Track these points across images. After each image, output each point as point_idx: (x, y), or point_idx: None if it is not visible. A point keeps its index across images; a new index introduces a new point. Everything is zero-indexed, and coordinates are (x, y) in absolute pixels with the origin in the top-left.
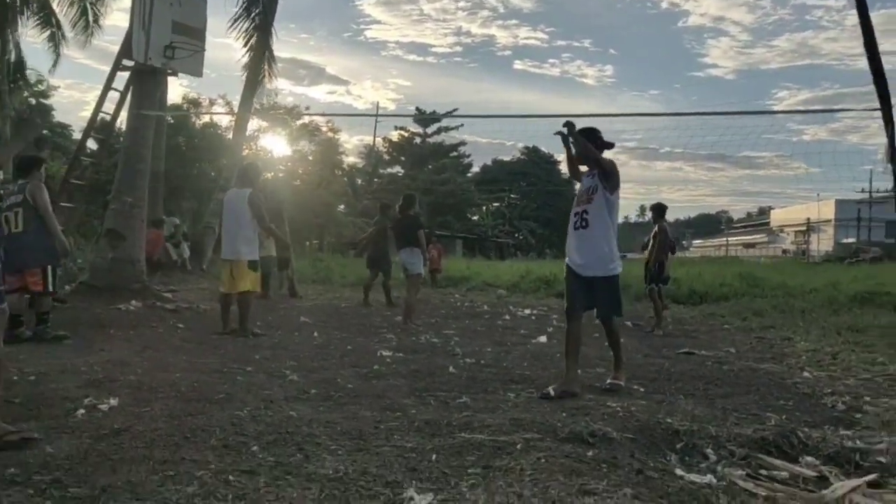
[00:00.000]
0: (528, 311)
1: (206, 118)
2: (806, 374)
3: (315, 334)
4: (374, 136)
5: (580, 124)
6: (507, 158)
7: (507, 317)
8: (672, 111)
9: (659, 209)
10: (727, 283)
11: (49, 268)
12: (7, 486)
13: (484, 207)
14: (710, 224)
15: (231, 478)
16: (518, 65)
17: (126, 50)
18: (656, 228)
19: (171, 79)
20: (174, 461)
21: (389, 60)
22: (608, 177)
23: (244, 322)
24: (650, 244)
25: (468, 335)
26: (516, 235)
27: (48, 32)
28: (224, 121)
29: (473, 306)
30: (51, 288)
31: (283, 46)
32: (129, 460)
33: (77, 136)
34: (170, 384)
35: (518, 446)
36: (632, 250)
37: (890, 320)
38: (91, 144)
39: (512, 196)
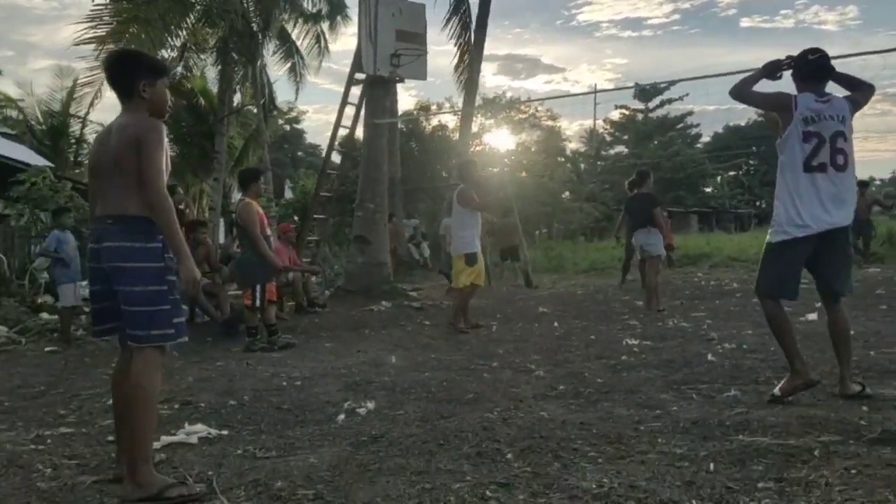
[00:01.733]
0: None
1: (435, 122)
2: None
3: (555, 324)
4: (594, 119)
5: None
6: (741, 123)
7: None
8: None
9: None
10: None
11: (258, 287)
12: (274, 503)
13: (719, 178)
14: None
15: (488, 493)
16: (745, 22)
17: (357, 65)
18: None
19: (399, 87)
20: (430, 472)
21: (603, 41)
22: (859, 107)
23: (456, 314)
24: None
25: (721, 317)
26: (757, 204)
27: (290, 63)
28: (451, 123)
29: (721, 284)
30: (258, 303)
31: (499, 44)
32: (387, 471)
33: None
34: (421, 384)
35: (815, 452)
36: None
37: None
38: (335, 158)
39: (750, 162)
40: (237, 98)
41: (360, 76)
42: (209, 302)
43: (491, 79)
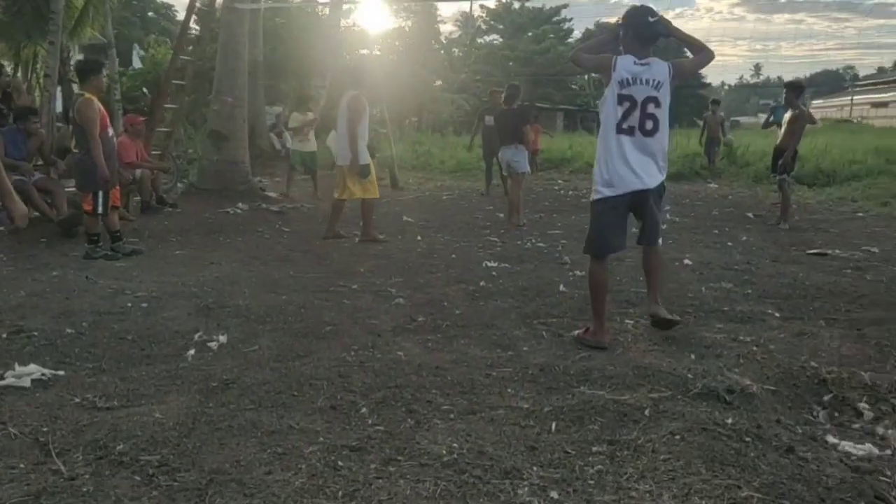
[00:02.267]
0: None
1: None
2: None
3: (419, 238)
4: (472, 3)
5: None
6: (612, 20)
7: None
8: None
9: (796, 88)
10: (858, 159)
11: (100, 192)
12: (115, 470)
13: (586, 76)
14: (833, 82)
15: (340, 463)
16: None
17: None
18: (793, 112)
19: None
20: (282, 431)
21: None
22: (685, 74)
23: (366, 227)
24: (784, 128)
25: (576, 237)
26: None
27: None
28: None
29: (578, 195)
30: (100, 210)
31: None
32: (238, 430)
33: (180, 17)
34: (277, 310)
35: (646, 412)
36: (744, 113)
37: None
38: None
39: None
40: None
41: None
42: (43, 198)
43: None
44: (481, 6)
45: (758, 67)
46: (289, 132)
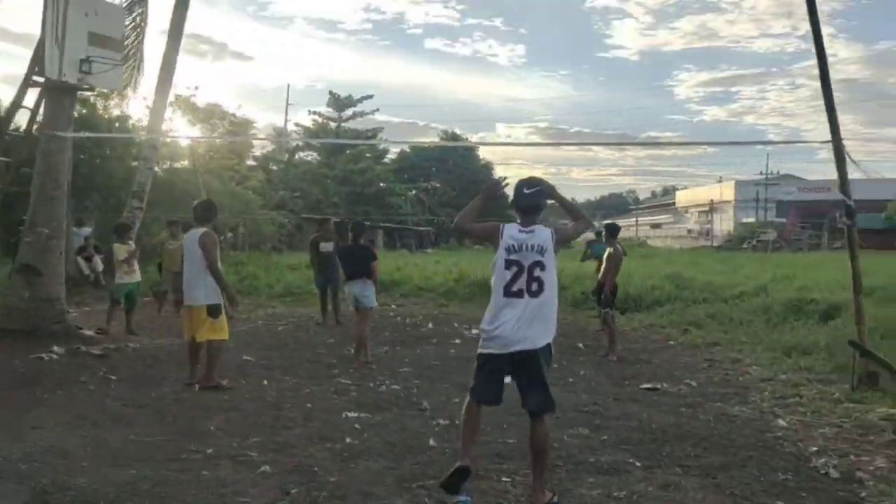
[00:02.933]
0: (475, 331)
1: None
2: (781, 421)
3: (265, 382)
4: (286, 119)
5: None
6: (424, 139)
7: (458, 340)
8: (580, 91)
9: (612, 230)
10: (657, 285)
11: None
12: None
13: (402, 196)
14: (620, 204)
15: None
16: (429, 43)
17: (37, 65)
18: (610, 250)
19: None
20: None
21: (297, 37)
22: (566, 239)
23: (209, 372)
24: (603, 265)
25: (427, 375)
26: (435, 222)
27: None
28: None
29: (416, 324)
30: None
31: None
32: None
33: None
34: (130, 491)
35: None
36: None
37: (829, 337)
38: None
39: (433, 183)
40: None
41: (38, 79)
42: None
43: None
44: (296, 123)
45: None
46: (119, 264)
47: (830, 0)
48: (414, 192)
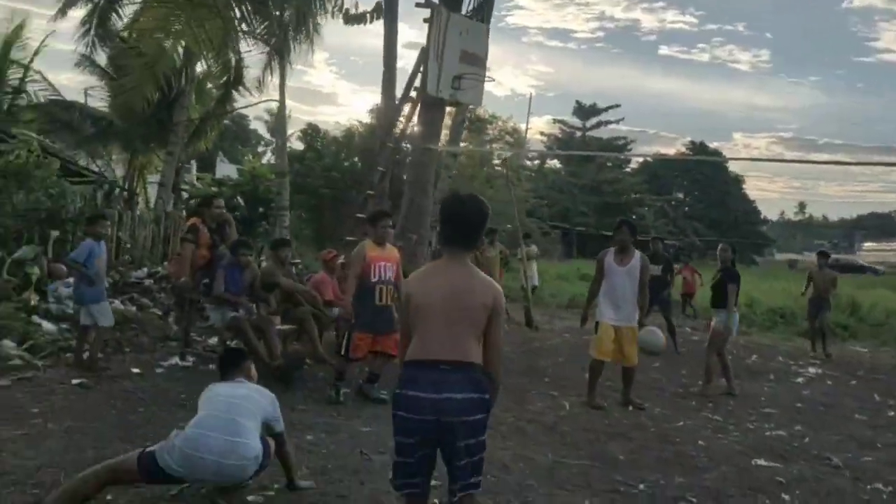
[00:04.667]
0: (813, 371)
1: None
2: None
3: (630, 409)
4: (527, 128)
5: None
6: (670, 151)
7: (800, 380)
8: (833, 99)
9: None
10: None
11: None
12: None
13: (649, 207)
14: (884, 225)
15: None
16: (664, 50)
17: (413, 81)
18: None
19: None
20: None
21: (530, 47)
22: None
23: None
24: None
25: (800, 420)
26: (681, 237)
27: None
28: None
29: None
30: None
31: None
32: None
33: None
34: None
35: None
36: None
37: None
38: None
39: (678, 195)
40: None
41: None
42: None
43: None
44: (541, 132)
45: (801, 206)
46: None
47: None
48: (658, 203)
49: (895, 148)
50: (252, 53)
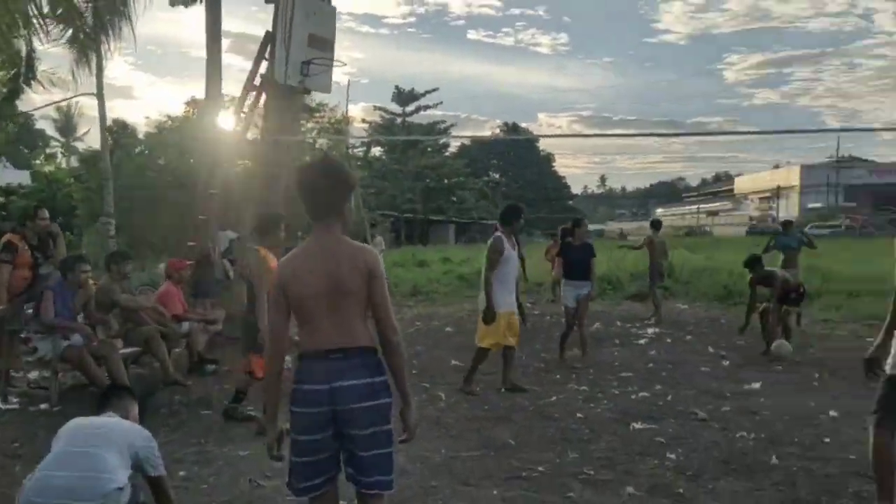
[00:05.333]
0: (651, 332)
1: None
2: None
3: (502, 390)
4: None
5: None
6: (484, 134)
7: (617, 340)
8: (625, 78)
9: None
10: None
11: None
12: None
13: (471, 190)
14: (671, 192)
15: None
16: (472, 34)
17: (257, 68)
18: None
19: None
20: None
21: (342, 33)
22: None
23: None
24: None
25: (650, 378)
26: None
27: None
28: None
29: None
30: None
31: (231, 21)
32: None
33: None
34: None
35: None
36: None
37: None
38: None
39: (493, 175)
40: None
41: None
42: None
43: (223, 56)
44: (363, 119)
45: (602, 179)
46: None
47: None
48: (481, 185)
49: (677, 122)
50: (49, 45)
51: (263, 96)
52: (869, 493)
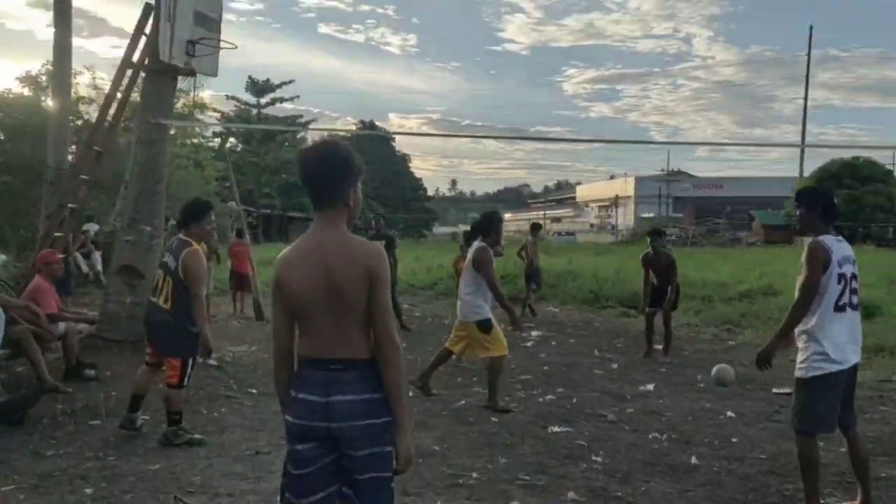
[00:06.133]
0: (535, 334)
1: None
2: None
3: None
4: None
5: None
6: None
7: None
8: (472, 84)
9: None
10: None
11: (190, 361)
12: None
13: None
14: (517, 198)
15: None
16: (323, 28)
17: (134, 46)
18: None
19: None
20: None
21: None
22: None
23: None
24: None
25: (549, 382)
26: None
27: None
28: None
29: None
30: (186, 382)
31: None
32: None
33: None
34: None
35: None
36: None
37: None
38: None
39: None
40: None
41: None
42: None
43: (44, 31)
44: (215, 109)
45: (454, 182)
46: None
47: (710, 5)
48: None
49: (521, 129)
50: None
51: (142, 75)
52: (790, 491)
